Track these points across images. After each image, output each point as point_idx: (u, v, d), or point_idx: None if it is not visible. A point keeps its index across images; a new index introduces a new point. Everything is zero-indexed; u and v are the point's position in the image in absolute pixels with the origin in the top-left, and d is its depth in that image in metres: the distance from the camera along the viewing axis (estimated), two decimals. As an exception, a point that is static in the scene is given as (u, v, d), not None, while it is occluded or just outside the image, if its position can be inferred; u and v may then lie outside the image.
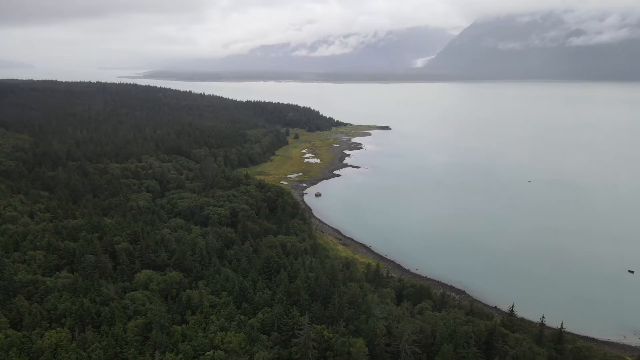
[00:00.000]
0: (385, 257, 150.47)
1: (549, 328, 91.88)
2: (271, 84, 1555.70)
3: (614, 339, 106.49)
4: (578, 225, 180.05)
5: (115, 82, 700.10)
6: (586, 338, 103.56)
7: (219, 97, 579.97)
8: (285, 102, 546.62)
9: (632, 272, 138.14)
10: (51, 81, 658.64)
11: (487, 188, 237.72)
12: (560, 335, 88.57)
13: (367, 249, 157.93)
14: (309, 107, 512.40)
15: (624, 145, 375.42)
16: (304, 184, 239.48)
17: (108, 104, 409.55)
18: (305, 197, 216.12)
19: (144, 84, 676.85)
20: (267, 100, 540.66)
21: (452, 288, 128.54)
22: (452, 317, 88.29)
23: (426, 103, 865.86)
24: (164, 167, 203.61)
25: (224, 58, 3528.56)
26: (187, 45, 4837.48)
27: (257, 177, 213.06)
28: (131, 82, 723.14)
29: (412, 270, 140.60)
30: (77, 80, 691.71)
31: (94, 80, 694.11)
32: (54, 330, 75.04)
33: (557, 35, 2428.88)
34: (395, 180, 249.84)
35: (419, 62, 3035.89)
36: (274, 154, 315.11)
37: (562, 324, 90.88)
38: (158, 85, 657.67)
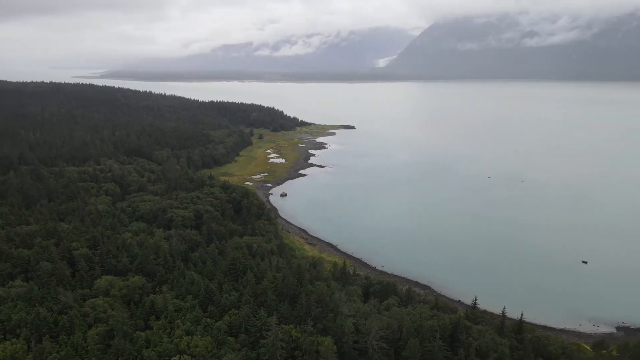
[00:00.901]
0: (352, 255, 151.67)
1: (510, 319, 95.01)
2: (234, 84, 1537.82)
3: (570, 327, 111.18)
4: (535, 219, 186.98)
5: (70, 82, 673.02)
6: (544, 327, 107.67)
7: (180, 97, 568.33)
8: (249, 102, 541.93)
9: (586, 262, 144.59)
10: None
11: (449, 185, 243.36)
12: (520, 326, 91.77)
13: (334, 247, 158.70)
14: (273, 107, 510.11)
15: (576, 141, 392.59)
16: (269, 184, 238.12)
17: (63, 104, 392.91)
18: (271, 198, 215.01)
19: (101, 84, 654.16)
20: (230, 101, 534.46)
21: (417, 284, 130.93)
22: (418, 312, 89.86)
23: (389, 102, 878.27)
24: (124, 169, 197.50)
25: (185, 58, 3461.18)
26: (147, 45, 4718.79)
27: (222, 178, 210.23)
28: (87, 82, 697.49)
29: (379, 267, 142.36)
30: (29, 80, 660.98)
31: (46, 80, 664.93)
32: (8, 342, 71.42)
33: (513, 36, 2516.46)
34: (360, 179, 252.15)
35: (381, 62, 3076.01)
36: (238, 154, 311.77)
37: (522, 314, 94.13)
38: (116, 86, 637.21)
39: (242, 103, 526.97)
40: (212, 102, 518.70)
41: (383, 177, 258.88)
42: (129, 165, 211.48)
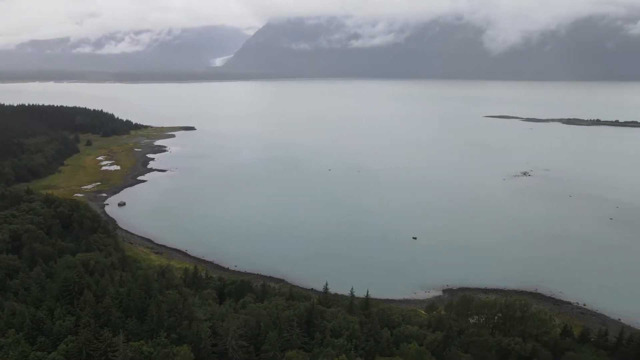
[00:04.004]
0: (203, 259, 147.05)
1: (358, 297, 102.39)
2: (50, 84, 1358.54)
3: (408, 296, 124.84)
4: (371, 204, 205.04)
5: None
6: (388, 300, 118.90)
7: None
8: (71, 104, 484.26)
9: (415, 238, 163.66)
10: None
11: (293, 179, 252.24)
12: (367, 302, 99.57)
13: (183, 253, 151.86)
14: (102, 110, 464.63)
15: (403, 132, 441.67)
16: (104, 194, 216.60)
17: None
18: (107, 208, 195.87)
19: None
20: (47, 104, 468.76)
21: (271, 278, 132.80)
22: (274, 305, 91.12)
23: (229, 101, 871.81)
24: None
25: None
26: None
27: (44, 191, 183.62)
28: None
29: (232, 267, 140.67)
30: None
31: None
32: None
33: (341, 37, 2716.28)
34: (205, 181, 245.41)
35: (218, 61, 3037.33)
36: (62, 164, 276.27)
37: (367, 292, 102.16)
38: None
39: (62, 106, 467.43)
40: (24, 105, 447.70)
41: (229, 176, 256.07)
42: None
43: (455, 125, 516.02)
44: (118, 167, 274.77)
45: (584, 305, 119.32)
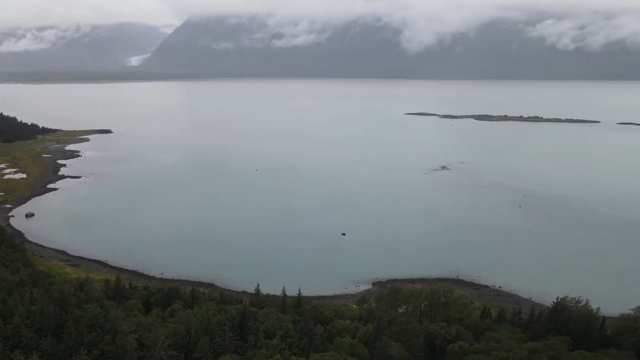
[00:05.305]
0: (126, 268, 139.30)
1: (290, 297, 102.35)
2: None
3: (339, 292, 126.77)
4: (300, 203, 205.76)
5: None
6: (320, 297, 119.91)
7: None
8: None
9: (344, 234, 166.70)
10: None
11: (219, 181, 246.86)
12: (299, 301, 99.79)
13: (103, 264, 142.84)
14: (1, 114, 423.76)
15: (327, 130, 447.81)
16: (8, 205, 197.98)
17: None
18: (12, 221, 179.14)
19: None
20: None
21: (200, 283, 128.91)
22: (205, 311, 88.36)
23: (148, 103, 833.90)
24: None
25: None
26: None
27: None
28: None
29: (158, 275, 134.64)
30: None
31: None
32: None
33: (263, 37, 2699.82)
34: (124, 186, 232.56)
35: (134, 61, 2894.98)
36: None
37: (299, 290, 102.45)
38: None
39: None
40: None
41: (150, 181, 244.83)
42: None
43: (378, 123, 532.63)
44: (24, 175, 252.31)
45: (500, 287, 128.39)
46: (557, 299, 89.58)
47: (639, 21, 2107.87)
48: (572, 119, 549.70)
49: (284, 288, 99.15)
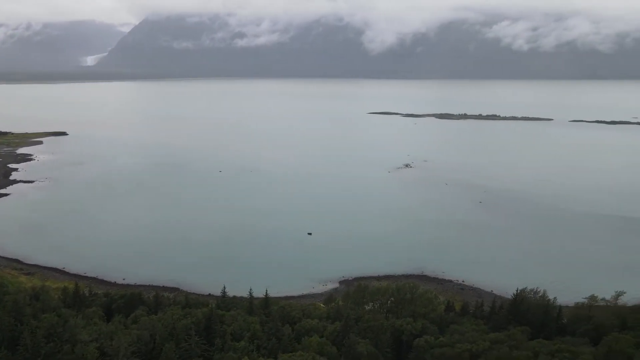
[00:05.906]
0: (85, 275, 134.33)
1: (257, 298, 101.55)
2: None
3: (306, 291, 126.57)
4: (265, 204, 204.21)
5: None
6: (287, 297, 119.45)
7: None
8: None
9: (310, 234, 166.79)
10: None
11: (181, 183, 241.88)
12: (266, 301, 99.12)
13: (61, 272, 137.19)
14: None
15: (292, 129, 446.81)
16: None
17: None
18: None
19: None
20: None
21: (164, 288, 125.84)
22: (169, 315, 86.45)
23: (106, 104, 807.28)
24: None
25: None
26: None
27: None
28: None
29: (119, 281, 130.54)
30: None
31: None
32: None
33: (224, 36, 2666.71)
34: (81, 191, 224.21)
35: (90, 60, 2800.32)
36: None
37: (266, 291, 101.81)
38: None
39: None
40: None
41: (108, 185, 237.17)
42: None
43: (342, 122, 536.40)
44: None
45: (463, 281, 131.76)
46: (517, 290, 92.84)
47: (588, 23, 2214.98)
48: (528, 117, 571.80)
49: (250, 289, 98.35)
